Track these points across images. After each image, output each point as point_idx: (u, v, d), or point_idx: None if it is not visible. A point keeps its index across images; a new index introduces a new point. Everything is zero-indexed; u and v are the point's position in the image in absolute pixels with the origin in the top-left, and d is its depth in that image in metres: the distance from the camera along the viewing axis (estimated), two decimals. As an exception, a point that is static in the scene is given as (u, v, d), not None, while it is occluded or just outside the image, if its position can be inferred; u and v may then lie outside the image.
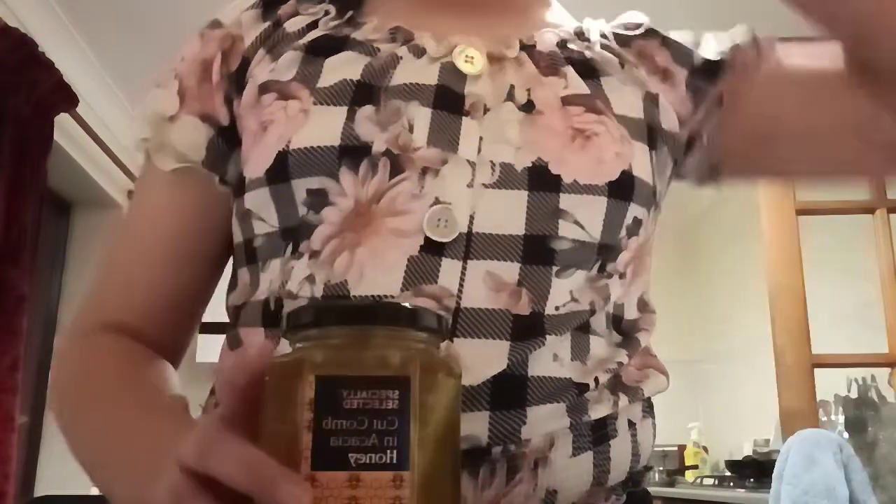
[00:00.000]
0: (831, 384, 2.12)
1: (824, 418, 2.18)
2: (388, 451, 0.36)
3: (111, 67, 2.93)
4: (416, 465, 0.37)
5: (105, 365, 0.62)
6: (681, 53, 0.68)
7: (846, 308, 2.72)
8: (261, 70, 0.64)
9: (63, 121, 2.54)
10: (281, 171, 0.58)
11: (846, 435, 2.08)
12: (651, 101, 0.65)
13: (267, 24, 0.66)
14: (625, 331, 0.62)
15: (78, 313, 0.68)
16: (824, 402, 2.20)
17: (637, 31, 0.69)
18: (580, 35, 0.67)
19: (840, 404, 2.17)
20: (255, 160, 0.60)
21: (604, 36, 0.68)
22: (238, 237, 0.65)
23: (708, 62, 0.68)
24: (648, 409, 0.63)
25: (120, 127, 3.19)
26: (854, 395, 2.13)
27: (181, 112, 0.65)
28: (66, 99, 2.47)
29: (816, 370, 1.89)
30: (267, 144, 0.59)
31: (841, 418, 2.15)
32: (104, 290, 0.68)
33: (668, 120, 0.66)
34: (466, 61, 0.61)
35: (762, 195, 2.01)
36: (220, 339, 0.66)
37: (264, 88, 0.62)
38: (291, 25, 0.65)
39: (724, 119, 0.67)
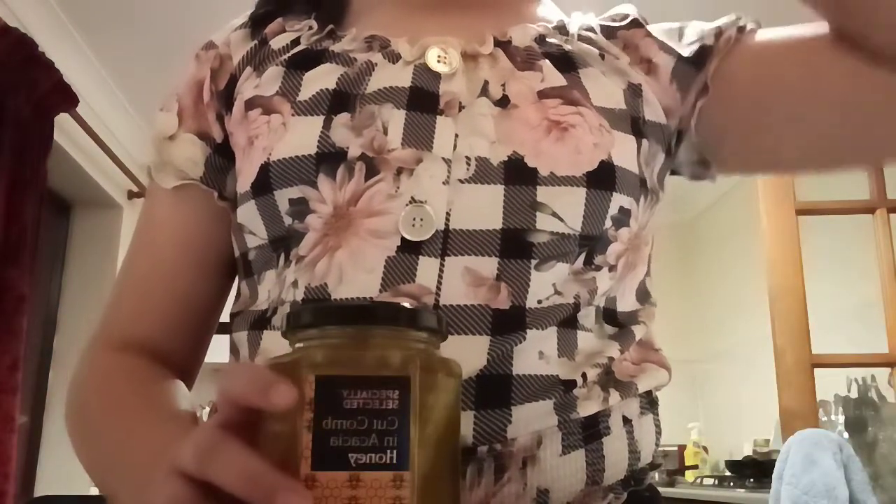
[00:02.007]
0: (831, 384, 2.12)
1: (824, 418, 2.18)
2: (389, 451, 0.36)
3: (111, 67, 2.93)
4: (416, 465, 0.37)
5: (118, 382, 0.62)
6: (664, 44, 0.67)
7: (846, 308, 2.72)
8: (247, 87, 0.66)
9: (63, 121, 2.54)
10: (264, 183, 0.59)
11: (846, 435, 2.08)
12: (634, 91, 0.64)
13: (254, 42, 0.68)
14: (620, 322, 0.61)
15: (99, 325, 0.69)
16: (824, 402, 2.20)
17: (622, 23, 0.68)
18: (561, 29, 0.67)
19: (840, 404, 2.17)
20: (244, 174, 0.62)
21: (589, 29, 0.68)
22: (236, 251, 0.66)
23: (692, 51, 0.66)
24: (648, 405, 0.62)
25: (120, 127, 3.19)
26: (854, 395, 2.13)
27: (180, 130, 0.67)
28: (66, 99, 2.47)
29: (816, 370, 1.89)
30: (252, 158, 0.61)
31: (841, 418, 2.15)
32: (122, 301, 0.69)
33: (653, 111, 0.65)
34: (439, 61, 0.61)
35: (762, 195, 2.01)
36: (221, 340, 0.67)
37: (250, 104, 0.64)
38: (276, 42, 0.67)
39: (712, 106, 0.66)
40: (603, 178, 0.58)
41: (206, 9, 2.44)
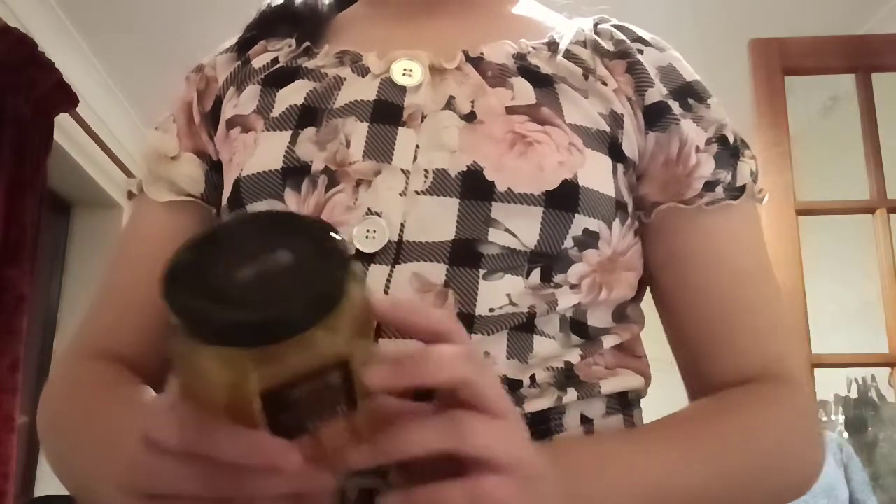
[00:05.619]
0: (831, 384, 2.12)
1: (824, 418, 2.18)
2: (339, 408, 0.39)
3: (111, 67, 2.93)
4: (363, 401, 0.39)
5: (89, 385, 0.63)
6: (641, 85, 0.64)
7: (846, 308, 2.72)
8: (229, 106, 0.67)
9: (63, 121, 2.54)
10: (237, 197, 0.61)
11: (846, 435, 2.08)
12: (615, 119, 0.62)
13: (237, 63, 0.69)
14: (590, 335, 0.60)
15: (75, 337, 0.69)
16: (824, 402, 2.20)
17: (612, 48, 0.66)
18: (550, 45, 0.65)
19: (840, 404, 2.17)
20: (224, 190, 0.64)
21: (582, 43, 0.66)
22: None
23: (654, 106, 0.64)
24: (618, 406, 0.60)
25: (120, 127, 3.19)
26: (854, 395, 2.14)
27: (181, 150, 0.69)
28: (66, 99, 2.47)
29: (816, 370, 1.88)
30: (229, 174, 0.63)
31: (841, 418, 2.16)
32: (101, 313, 0.69)
33: (630, 145, 0.63)
34: (405, 74, 0.62)
35: (762, 195, 2.00)
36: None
37: (231, 123, 0.65)
38: (257, 62, 0.68)
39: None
40: (564, 199, 0.57)
41: (205, 9, 2.44)
